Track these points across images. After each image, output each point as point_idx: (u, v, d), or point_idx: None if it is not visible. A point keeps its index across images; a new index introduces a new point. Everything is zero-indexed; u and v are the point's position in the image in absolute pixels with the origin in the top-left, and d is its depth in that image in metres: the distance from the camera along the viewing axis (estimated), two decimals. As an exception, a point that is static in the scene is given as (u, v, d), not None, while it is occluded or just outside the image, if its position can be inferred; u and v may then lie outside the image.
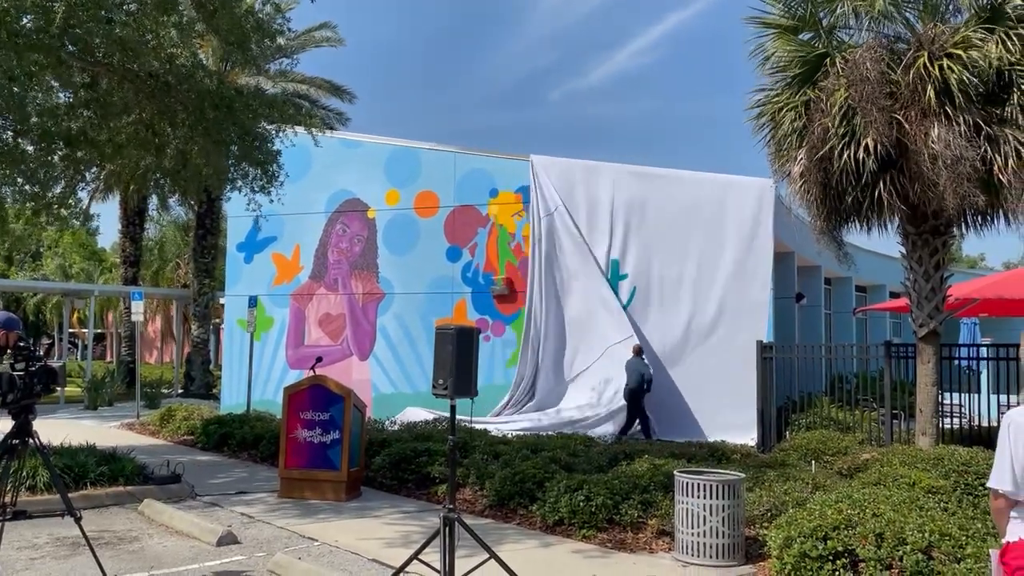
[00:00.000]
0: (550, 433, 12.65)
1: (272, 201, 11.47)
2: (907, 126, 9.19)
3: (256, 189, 11.33)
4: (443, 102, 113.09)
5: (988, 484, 3.45)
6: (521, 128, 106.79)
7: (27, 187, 10.22)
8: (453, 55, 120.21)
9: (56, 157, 10.32)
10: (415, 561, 5.71)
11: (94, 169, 11.55)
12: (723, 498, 6.71)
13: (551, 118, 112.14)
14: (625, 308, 15.59)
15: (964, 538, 5.72)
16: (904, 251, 10.51)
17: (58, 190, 10.81)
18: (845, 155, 9.38)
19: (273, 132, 11.37)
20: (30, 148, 9.97)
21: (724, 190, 15.33)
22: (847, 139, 9.42)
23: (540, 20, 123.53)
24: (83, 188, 11.87)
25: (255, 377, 17.06)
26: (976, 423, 12.82)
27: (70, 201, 11.31)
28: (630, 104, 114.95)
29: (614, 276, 15.88)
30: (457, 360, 5.64)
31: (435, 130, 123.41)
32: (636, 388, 13.85)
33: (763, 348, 13.33)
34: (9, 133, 9.84)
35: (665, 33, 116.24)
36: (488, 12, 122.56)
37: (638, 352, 14.28)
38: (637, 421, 14.17)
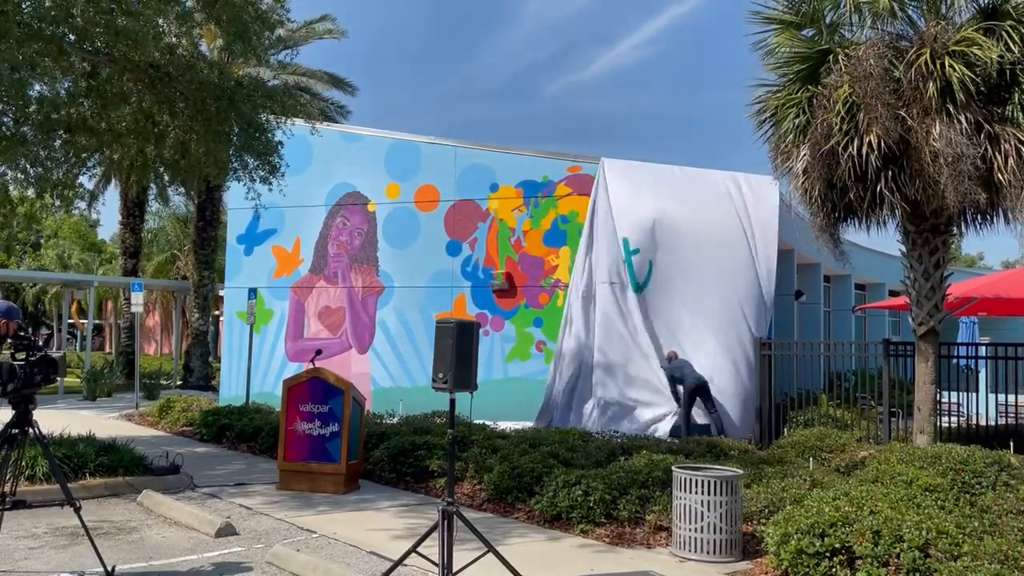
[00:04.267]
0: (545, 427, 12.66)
1: (271, 190, 11.45)
2: (910, 123, 9.20)
3: (256, 179, 11.31)
4: (438, 95, 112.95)
5: None
6: (518, 122, 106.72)
7: (30, 168, 10.21)
8: (450, 48, 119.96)
9: (57, 143, 10.31)
10: (414, 554, 5.72)
11: (95, 157, 11.52)
12: (721, 494, 6.73)
13: (547, 111, 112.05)
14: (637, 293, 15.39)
15: (961, 536, 5.74)
16: (904, 249, 10.52)
17: (61, 173, 10.81)
18: (849, 149, 9.37)
19: (274, 123, 11.35)
20: (30, 135, 9.95)
21: (728, 186, 15.31)
22: (850, 135, 9.41)
23: (536, 13, 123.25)
24: (84, 174, 11.85)
25: (254, 369, 17.06)
26: (974, 422, 12.85)
27: (74, 184, 11.30)
28: (626, 99, 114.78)
29: (626, 255, 15.55)
30: (457, 354, 5.63)
31: (430, 123, 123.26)
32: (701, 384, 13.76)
33: (762, 345, 13.36)
34: (9, 119, 9.82)
35: (661, 28, 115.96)
36: (485, 4, 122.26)
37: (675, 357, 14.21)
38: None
